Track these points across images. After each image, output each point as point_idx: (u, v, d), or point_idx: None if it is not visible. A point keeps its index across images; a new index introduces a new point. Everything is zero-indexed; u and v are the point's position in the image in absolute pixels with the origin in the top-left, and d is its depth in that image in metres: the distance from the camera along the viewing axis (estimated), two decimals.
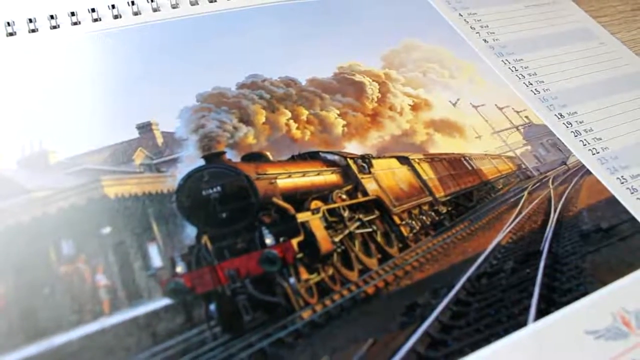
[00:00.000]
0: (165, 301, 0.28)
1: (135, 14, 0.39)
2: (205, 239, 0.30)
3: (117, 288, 0.29)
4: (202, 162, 0.34)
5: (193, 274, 0.29)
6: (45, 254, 0.29)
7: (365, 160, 0.40)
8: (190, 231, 0.31)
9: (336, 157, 0.40)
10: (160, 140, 0.35)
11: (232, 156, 0.35)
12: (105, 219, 0.31)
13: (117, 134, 0.35)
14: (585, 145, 0.41)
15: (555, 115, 0.42)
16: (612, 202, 0.37)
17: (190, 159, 0.34)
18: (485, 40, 0.47)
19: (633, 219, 0.37)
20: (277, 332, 0.27)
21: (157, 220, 0.31)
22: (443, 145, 0.39)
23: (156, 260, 0.30)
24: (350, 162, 0.40)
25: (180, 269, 0.29)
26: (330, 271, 0.30)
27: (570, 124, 0.42)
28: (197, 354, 0.27)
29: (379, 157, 0.41)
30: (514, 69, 0.45)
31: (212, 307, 0.28)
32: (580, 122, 0.42)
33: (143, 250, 0.30)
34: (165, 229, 0.31)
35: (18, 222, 0.31)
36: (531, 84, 0.44)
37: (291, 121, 0.37)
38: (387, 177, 0.40)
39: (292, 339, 0.27)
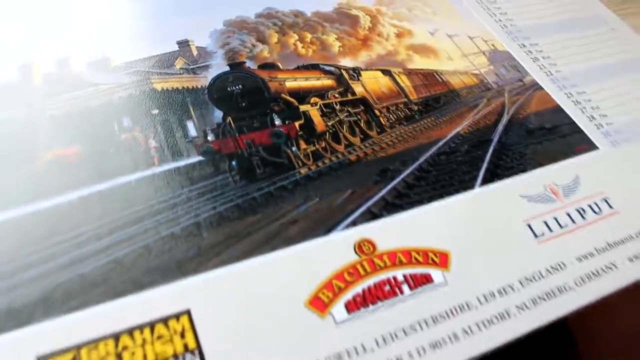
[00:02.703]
0: (199, 158, 0.38)
1: None
2: (229, 119, 0.40)
3: (164, 149, 0.38)
4: (227, 69, 0.43)
5: (220, 141, 0.38)
6: (110, 126, 0.39)
7: (355, 71, 0.49)
8: (218, 114, 0.40)
9: (332, 68, 0.49)
10: (195, 52, 0.44)
11: (251, 65, 0.44)
12: (154, 104, 0.41)
13: (162, 46, 0.45)
14: (542, 68, 0.49)
15: (518, 44, 0.51)
16: (558, 110, 0.46)
17: (219, 66, 0.44)
18: None
19: (573, 123, 0.45)
20: (281, 180, 0.37)
21: (193, 106, 0.41)
22: (420, 63, 0.48)
23: (192, 132, 0.39)
24: (343, 71, 0.49)
25: (210, 137, 0.39)
26: (323, 144, 0.40)
27: (531, 52, 0.50)
28: (223, 191, 0.36)
29: (366, 69, 0.50)
30: (487, 9, 0.53)
31: (234, 162, 0.38)
32: (540, 52, 0.50)
33: (183, 125, 0.40)
34: (200, 112, 0.40)
35: (88, 106, 0.41)
36: (500, 20, 0.53)
37: (298, 42, 0.46)
38: (372, 83, 0.49)
39: (292, 186, 0.37)
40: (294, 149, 0.38)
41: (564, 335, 0.46)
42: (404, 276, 0.34)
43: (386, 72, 0.53)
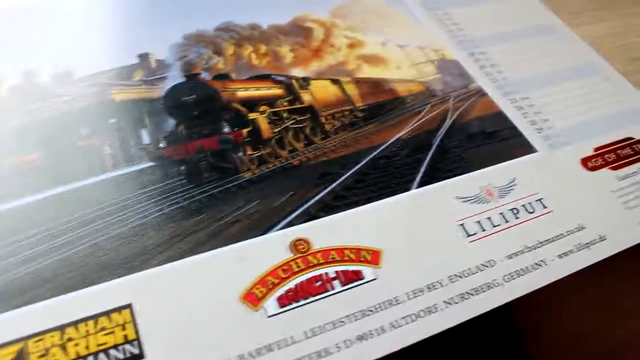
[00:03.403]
0: (150, 164, 0.40)
1: None
2: (181, 127, 0.42)
3: (118, 155, 0.41)
4: (183, 80, 0.46)
5: (171, 148, 0.41)
6: (69, 134, 0.42)
7: (305, 80, 0.52)
8: (172, 122, 0.43)
9: (283, 78, 0.51)
10: (154, 64, 0.47)
11: (206, 76, 0.47)
12: (112, 114, 0.44)
13: (123, 59, 0.48)
14: (488, 75, 0.51)
15: (467, 53, 0.53)
16: (500, 115, 0.48)
17: (175, 78, 0.46)
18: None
19: (514, 127, 0.47)
20: (226, 184, 0.39)
21: (149, 115, 0.43)
22: (369, 72, 0.50)
23: (146, 139, 0.42)
24: (294, 81, 0.51)
25: (162, 144, 0.41)
26: (269, 150, 0.42)
27: (479, 59, 0.52)
28: (170, 194, 0.39)
29: (316, 79, 0.52)
30: (440, 20, 0.56)
31: (183, 167, 0.40)
32: (488, 59, 0.53)
33: (137, 133, 0.42)
34: (154, 121, 0.43)
35: (51, 115, 0.43)
36: (452, 30, 0.55)
37: (252, 53, 0.49)
38: (320, 92, 0.52)
39: (236, 189, 0.39)
40: (240, 154, 0.40)
41: (514, 334, 0.48)
42: (336, 272, 0.36)
43: (335, 81, 0.55)
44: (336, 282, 0.36)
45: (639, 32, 0.59)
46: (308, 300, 0.35)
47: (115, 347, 0.32)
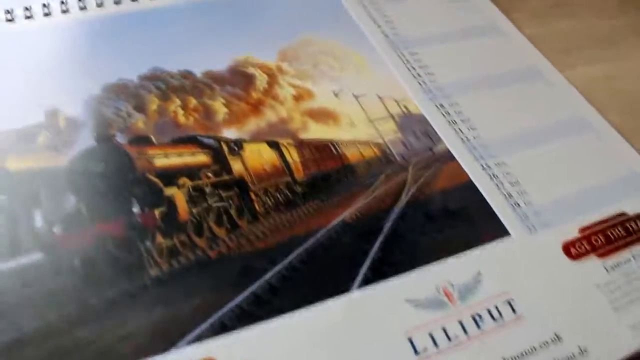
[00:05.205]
0: (39, 256, 0.34)
1: (46, 14, 0.45)
2: (82, 206, 0.35)
3: (2, 243, 0.34)
4: (94, 144, 0.39)
5: (67, 234, 0.34)
6: None
7: (237, 144, 0.45)
8: (72, 199, 0.36)
9: (211, 141, 0.44)
10: (63, 124, 0.40)
11: (121, 139, 0.40)
12: (3, 187, 0.37)
13: (28, 117, 0.41)
14: (458, 133, 0.43)
15: (436, 105, 0.45)
16: (469, 186, 0.40)
17: (85, 141, 0.39)
18: (385, 35, 0.51)
19: (485, 203, 0.40)
20: (127, 284, 0.32)
21: (47, 189, 0.37)
22: (316, 131, 0.43)
23: (39, 222, 0.35)
24: (223, 144, 0.44)
25: (57, 229, 0.34)
26: (183, 237, 0.35)
27: (449, 113, 0.45)
28: (57, 297, 0.32)
29: (251, 141, 0.45)
30: (406, 62, 0.48)
31: (77, 261, 0.33)
32: (459, 112, 0.45)
33: (30, 213, 0.36)
34: (52, 196, 0.36)
35: None
36: (420, 75, 0.47)
37: (179, 108, 0.42)
38: (254, 159, 0.45)
39: (138, 290, 0.32)
40: (147, 243, 0.34)
41: None
42: None
43: (273, 145, 0.48)
44: None
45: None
46: None
47: None
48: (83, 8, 0.48)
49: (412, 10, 0.52)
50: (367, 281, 0.34)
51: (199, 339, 0.31)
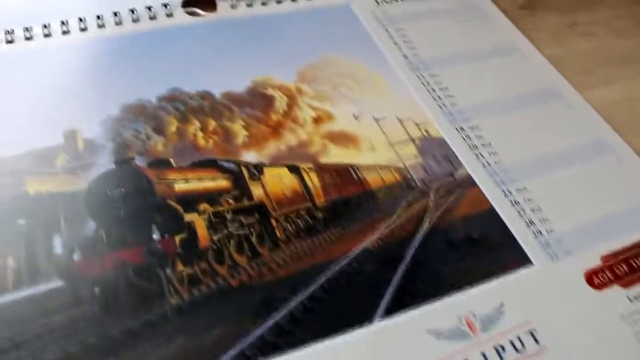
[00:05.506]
0: (59, 283, 0.34)
1: (65, 32, 0.45)
2: (102, 232, 0.35)
3: (22, 270, 0.34)
4: (113, 167, 0.39)
5: (86, 261, 0.34)
6: None
7: (257, 168, 0.44)
8: (91, 225, 0.36)
9: (232, 165, 0.44)
10: (81, 145, 0.40)
11: (141, 162, 0.40)
12: (23, 212, 0.37)
13: (46, 138, 0.41)
14: (479, 157, 0.43)
15: (456, 128, 0.45)
16: (490, 214, 0.40)
17: (104, 164, 0.39)
18: (405, 56, 0.50)
19: (507, 230, 0.39)
20: (147, 313, 0.32)
21: (66, 214, 0.36)
22: (336, 155, 0.42)
23: (58, 248, 0.35)
24: (243, 168, 0.44)
25: (77, 256, 0.34)
26: (203, 265, 0.35)
27: (469, 137, 0.44)
28: (77, 327, 0.32)
29: (271, 165, 0.45)
30: (426, 84, 0.48)
31: (97, 289, 0.33)
32: (479, 137, 0.45)
33: (50, 239, 0.35)
34: (71, 222, 0.36)
35: None
36: (440, 98, 0.47)
37: (199, 131, 0.41)
38: (274, 184, 0.44)
39: (158, 320, 0.32)
40: (168, 271, 0.33)
41: None
42: None
43: (293, 169, 0.48)
44: None
45: None
46: None
47: None
48: (101, 26, 0.48)
49: (431, 31, 0.52)
50: (389, 311, 0.34)
51: None
